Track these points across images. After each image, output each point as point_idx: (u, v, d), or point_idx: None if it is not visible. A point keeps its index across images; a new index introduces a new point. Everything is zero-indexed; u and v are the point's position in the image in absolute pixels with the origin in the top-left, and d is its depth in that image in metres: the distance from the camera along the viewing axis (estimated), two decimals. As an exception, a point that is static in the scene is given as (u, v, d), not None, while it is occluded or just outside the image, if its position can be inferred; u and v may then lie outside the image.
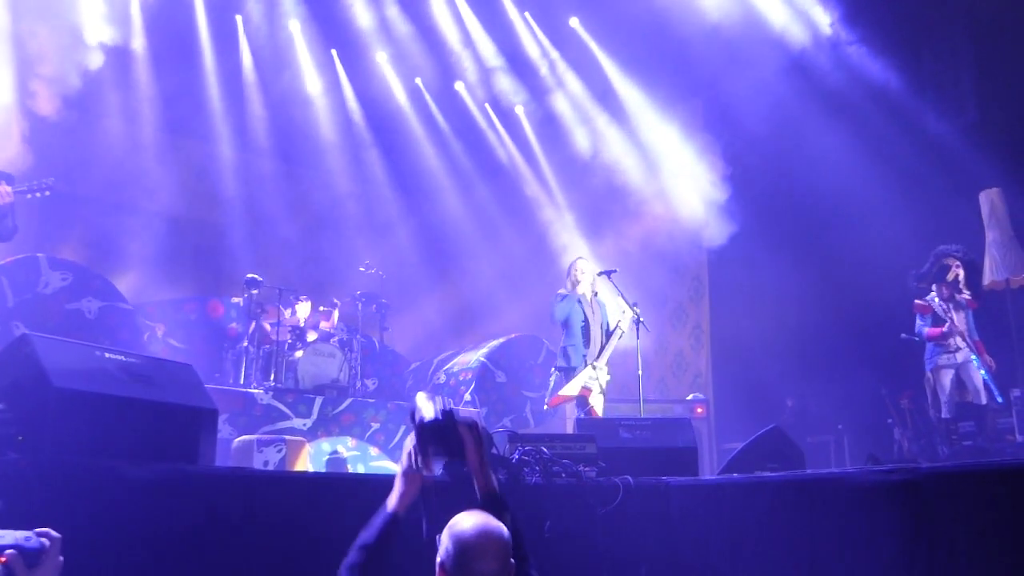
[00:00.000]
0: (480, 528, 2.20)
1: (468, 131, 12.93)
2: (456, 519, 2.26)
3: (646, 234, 11.40)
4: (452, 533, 2.21)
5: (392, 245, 12.21)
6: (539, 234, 12.39)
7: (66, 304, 7.34)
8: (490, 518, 2.25)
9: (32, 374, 2.97)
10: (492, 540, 2.19)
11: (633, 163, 11.36)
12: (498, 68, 11.98)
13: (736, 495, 3.94)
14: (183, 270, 10.70)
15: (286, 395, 8.07)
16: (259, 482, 3.45)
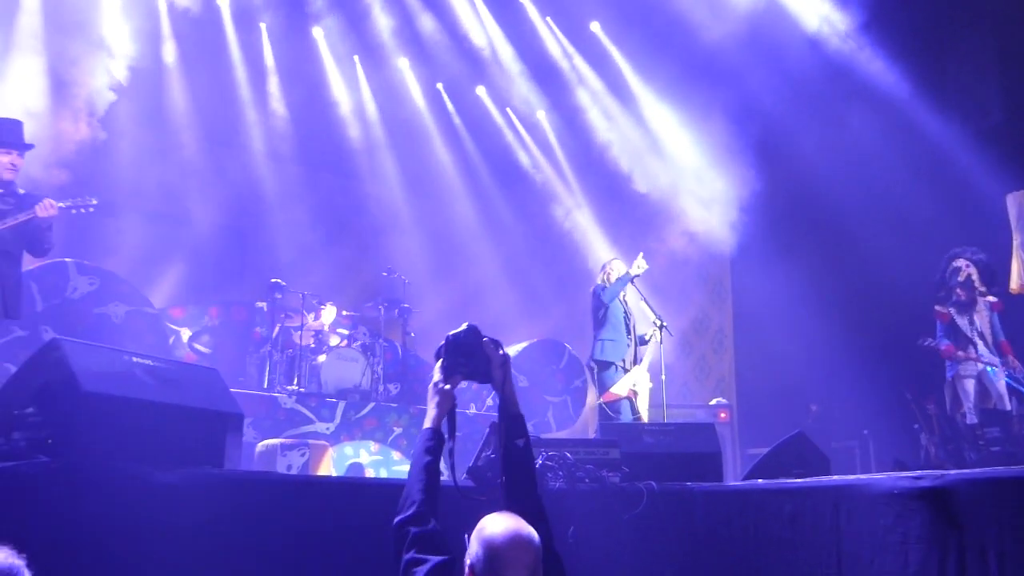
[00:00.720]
0: (511, 535, 2.16)
1: (490, 136, 12.95)
2: (486, 521, 2.23)
3: (668, 239, 11.37)
4: (482, 538, 2.18)
5: (415, 250, 12.24)
6: (561, 239, 12.40)
7: (94, 309, 7.42)
8: (521, 522, 2.22)
9: (62, 378, 3.01)
10: (523, 547, 2.15)
11: (655, 168, 11.33)
12: (519, 73, 12.00)
13: (761, 501, 3.91)
14: (207, 275, 10.77)
15: (309, 399, 8.11)
16: (284, 486, 3.47)
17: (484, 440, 3.80)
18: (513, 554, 2.13)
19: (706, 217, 10.84)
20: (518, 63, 11.95)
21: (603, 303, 7.55)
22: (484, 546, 2.15)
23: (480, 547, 2.16)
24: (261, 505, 3.19)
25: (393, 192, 12.74)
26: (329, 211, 12.06)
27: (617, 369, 7.46)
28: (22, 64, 9.05)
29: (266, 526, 3.16)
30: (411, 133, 12.59)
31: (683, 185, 11.09)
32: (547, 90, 12.17)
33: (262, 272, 9.94)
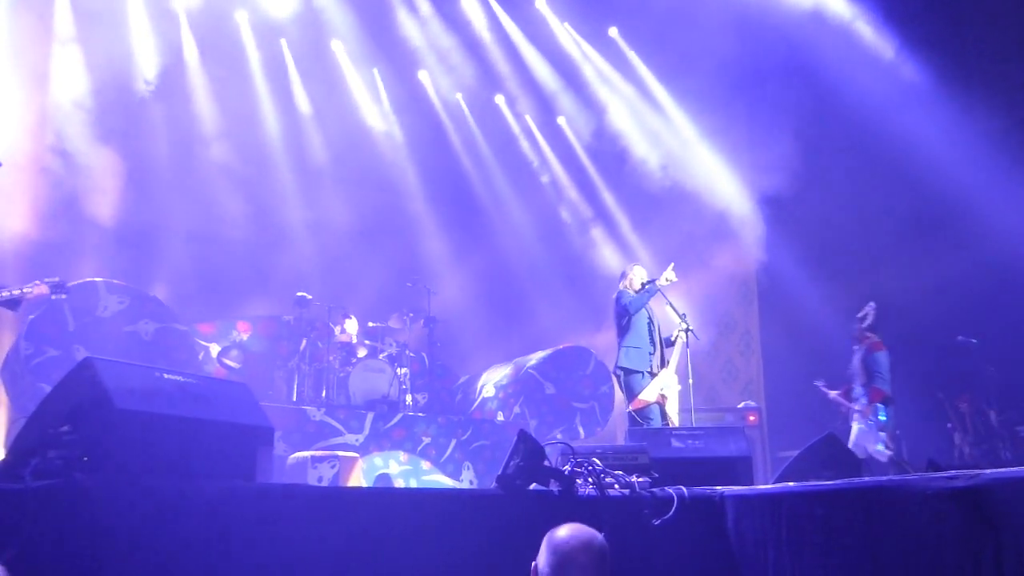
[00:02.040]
0: (577, 540, 2.22)
1: (510, 144, 12.99)
2: (555, 528, 2.30)
3: (693, 241, 11.33)
4: (550, 543, 2.25)
5: (440, 260, 12.28)
6: (585, 243, 12.40)
7: (124, 327, 7.52)
8: (589, 530, 2.28)
9: (95, 396, 3.05)
10: (589, 552, 2.21)
11: (680, 170, 11.30)
12: (539, 80, 12.04)
13: (793, 504, 3.88)
14: (234, 290, 10.87)
15: (338, 411, 8.16)
16: (315, 498, 3.49)
17: (512, 448, 3.80)
18: (578, 558, 2.18)
19: (732, 219, 10.78)
20: (537, 70, 11.99)
21: (627, 312, 7.52)
22: (551, 550, 2.22)
23: (548, 551, 2.23)
24: (293, 517, 3.21)
25: (417, 203, 12.80)
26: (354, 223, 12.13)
27: (644, 375, 7.43)
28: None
29: (298, 538, 3.18)
30: (433, 143, 12.64)
31: (709, 186, 11.05)
32: (567, 95, 12.19)
33: (288, 286, 10.02)
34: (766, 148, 10.67)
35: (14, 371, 7.26)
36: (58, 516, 2.71)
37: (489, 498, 3.78)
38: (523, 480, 3.73)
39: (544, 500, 3.79)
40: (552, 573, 2.19)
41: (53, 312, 7.25)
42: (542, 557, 2.24)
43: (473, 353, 12.15)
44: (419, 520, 3.49)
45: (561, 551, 2.20)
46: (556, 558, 2.20)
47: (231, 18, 11.16)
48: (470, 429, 8.85)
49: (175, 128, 10.57)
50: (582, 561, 2.19)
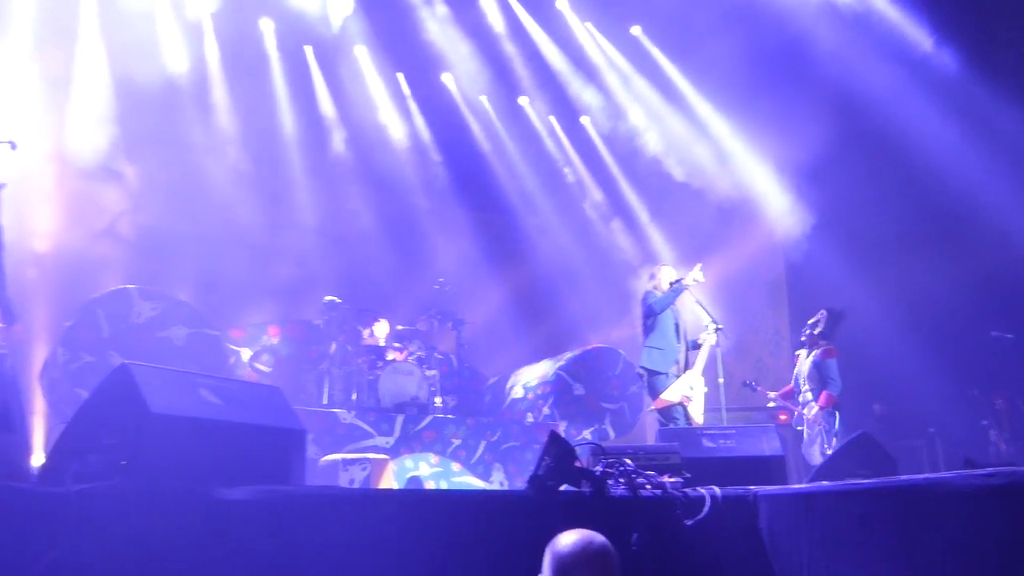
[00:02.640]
0: (579, 547, 2.19)
1: (535, 145, 12.99)
2: (558, 536, 2.26)
3: (720, 239, 11.26)
4: (552, 552, 2.21)
5: (466, 261, 12.31)
6: (611, 243, 12.37)
7: (157, 333, 7.61)
8: (593, 536, 2.23)
9: (131, 401, 3.09)
10: (591, 551, 2.17)
11: (706, 168, 11.24)
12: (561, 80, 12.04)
13: (827, 504, 3.84)
14: (264, 295, 10.97)
15: (368, 414, 8.20)
16: (348, 500, 3.52)
17: (543, 449, 3.80)
18: (581, 566, 2.14)
19: (760, 217, 10.71)
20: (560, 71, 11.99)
21: (653, 311, 7.49)
22: (554, 560, 2.18)
23: (550, 561, 2.19)
24: (326, 520, 3.23)
25: (443, 205, 12.84)
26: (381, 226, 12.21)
27: (667, 376, 7.40)
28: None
29: (332, 540, 3.21)
30: (458, 145, 12.68)
31: (736, 184, 10.98)
32: (590, 95, 12.17)
33: (317, 290, 10.09)
34: (795, 144, 10.57)
35: (52, 377, 7.37)
36: (98, 519, 2.75)
37: (520, 499, 3.79)
38: (554, 481, 3.72)
39: (575, 501, 3.78)
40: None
41: (88, 319, 7.37)
42: (545, 568, 2.22)
43: (501, 355, 12.16)
44: (450, 522, 3.50)
45: (561, 564, 2.17)
46: (555, 570, 2.17)
47: (255, 26, 11.26)
48: (500, 431, 8.85)
49: (200, 134, 10.68)
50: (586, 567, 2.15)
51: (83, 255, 9.17)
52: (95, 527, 2.74)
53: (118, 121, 9.54)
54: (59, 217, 9.10)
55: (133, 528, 2.80)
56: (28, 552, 2.62)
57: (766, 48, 9.76)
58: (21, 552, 2.62)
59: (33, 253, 8.80)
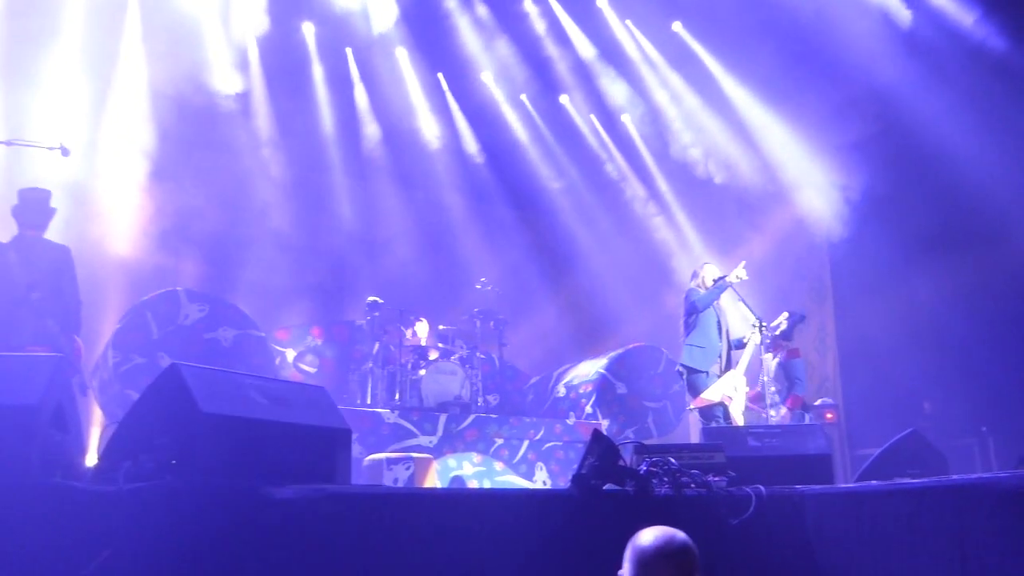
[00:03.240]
0: (660, 544, 2.17)
1: (576, 143, 12.97)
2: (639, 533, 2.24)
3: (763, 235, 11.14)
4: (633, 548, 2.20)
5: (507, 261, 12.33)
6: (652, 241, 12.30)
7: (204, 334, 7.75)
8: (674, 533, 2.22)
9: (182, 401, 3.15)
10: (673, 557, 2.15)
11: (750, 163, 11.13)
12: (602, 77, 12.00)
13: (876, 503, 3.78)
14: (308, 296, 11.11)
15: (411, 413, 8.26)
16: (393, 499, 3.55)
17: (587, 447, 3.80)
18: (663, 563, 2.13)
19: (804, 211, 10.57)
20: (600, 68, 11.95)
21: (695, 309, 7.43)
22: (635, 556, 2.17)
23: (631, 558, 2.18)
24: (372, 518, 3.26)
25: (485, 204, 12.88)
26: (423, 226, 12.29)
27: (708, 375, 7.33)
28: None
29: (377, 537, 3.24)
30: (496, 144, 12.70)
31: (780, 179, 10.85)
32: (631, 93, 12.11)
33: (359, 290, 10.19)
34: (841, 139, 10.42)
35: (103, 379, 7.54)
36: (150, 517, 2.81)
37: (564, 498, 3.79)
38: (598, 480, 3.72)
39: (619, 500, 3.78)
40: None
41: (137, 321, 7.53)
42: (625, 565, 2.20)
43: (543, 354, 12.17)
44: (495, 520, 3.52)
45: (643, 560, 2.15)
46: (636, 565, 2.15)
47: (298, 30, 11.40)
48: (542, 430, 8.86)
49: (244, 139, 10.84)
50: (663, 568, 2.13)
51: (131, 259, 9.37)
52: (147, 525, 2.80)
53: (165, 128, 9.72)
54: (108, 222, 9.30)
55: (184, 525, 2.86)
56: (84, 549, 2.69)
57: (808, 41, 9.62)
58: (77, 549, 2.69)
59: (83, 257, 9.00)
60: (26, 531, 2.67)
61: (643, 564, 2.14)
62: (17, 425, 2.84)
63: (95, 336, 7.92)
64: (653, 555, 2.15)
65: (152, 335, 7.50)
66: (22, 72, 8.90)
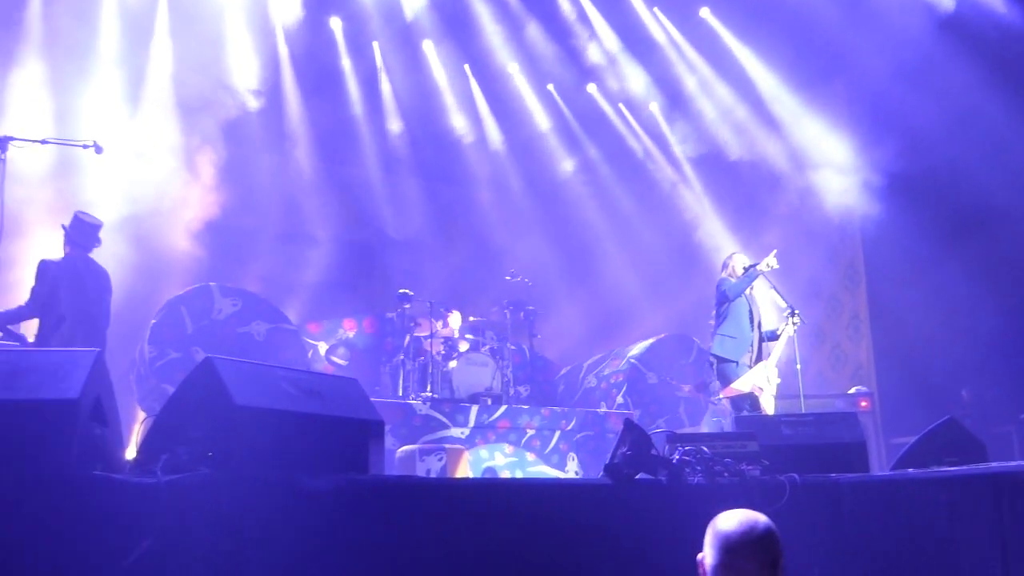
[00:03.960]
0: (744, 528, 2.12)
1: (604, 133, 12.92)
2: (718, 518, 2.20)
3: (794, 222, 11.03)
4: (715, 532, 2.15)
5: (537, 252, 12.33)
6: (682, 230, 12.23)
7: (238, 328, 7.85)
8: (756, 516, 2.17)
9: (217, 394, 3.18)
10: (757, 540, 2.10)
11: (777, 149, 11.02)
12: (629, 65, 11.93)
13: (914, 491, 3.75)
14: (339, 290, 11.19)
15: (443, 405, 8.30)
16: (427, 490, 3.57)
17: (619, 437, 3.79)
18: (746, 546, 2.09)
19: (836, 198, 10.44)
20: (627, 56, 11.88)
21: (726, 298, 7.37)
22: (716, 540, 2.13)
23: (713, 542, 2.14)
24: (406, 509, 3.29)
25: (512, 194, 12.88)
26: (451, 218, 12.32)
27: (738, 365, 7.28)
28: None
29: (411, 528, 3.26)
30: (525, 135, 12.69)
31: (810, 165, 10.73)
32: (659, 80, 12.03)
33: (390, 283, 10.24)
34: (872, 122, 10.27)
35: (140, 373, 7.67)
36: (187, 508, 2.85)
37: (597, 488, 3.78)
38: (630, 469, 3.71)
39: (652, 489, 3.76)
40: (716, 564, 2.09)
41: (172, 316, 7.63)
42: (707, 549, 2.14)
43: (574, 344, 12.16)
44: (528, 510, 3.52)
45: (727, 545, 2.09)
46: (719, 550, 2.09)
47: (325, 25, 11.45)
48: (574, 420, 8.86)
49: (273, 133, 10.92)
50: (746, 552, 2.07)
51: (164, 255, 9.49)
52: (185, 515, 2.84)
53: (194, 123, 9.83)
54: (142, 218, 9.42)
55: (221, 516, 2.89)
56: (124, 540, 2.74)
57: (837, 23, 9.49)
58: (118, 540, 2.74)
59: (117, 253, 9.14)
60: (68, 522, 2.72)
61: (728, 550, 2.09)
62: (58, 418, 2.89)
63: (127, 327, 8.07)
64: (739, 540, 2.09)
65: (187, 330, 7.61)
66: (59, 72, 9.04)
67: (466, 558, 3.31)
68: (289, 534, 3.00)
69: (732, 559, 2.08)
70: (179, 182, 9.68)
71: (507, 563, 3.37)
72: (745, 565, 2.07)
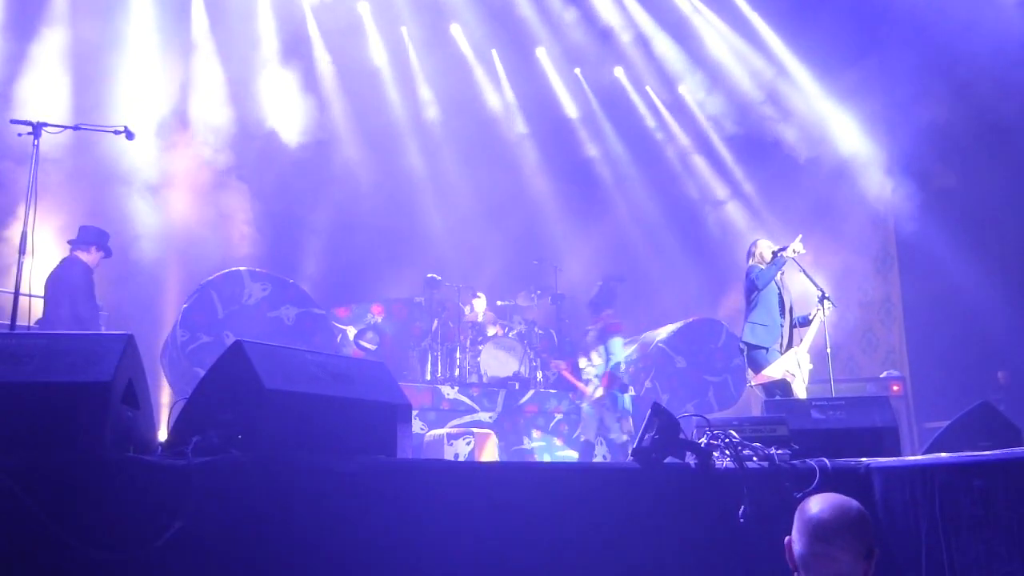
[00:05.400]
0: (833, 506, 2.05)
1: (631, 116, 12.82)
2: (807, 501, 2.13)
3: (827, 206, 10.89)
4: (803, 515, 2.07)
5: (565, 236, 12.29)
6: (711, 214, 12.14)
7: (267, 312, 7.91)
8: (845, 498, 2.10)
9: (246, 377, 3.21)
10: (850, 522, 2.02)
11: (811, 133, 10.87)
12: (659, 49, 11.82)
13: (947, 477, 3.68)
14: (367, 275, 11.23)
15: (471, 389, 8.32)
16: (455, 473, 3.58)
17: (647, 421, 3.77)
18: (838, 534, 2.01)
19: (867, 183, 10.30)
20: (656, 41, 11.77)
21: (756, 287, 7.28)
22: (806, 526, 2.06)
23: (802, 527, 2.07)
24: (434, 492, 3.30)
25: (540, 180, 12.83)
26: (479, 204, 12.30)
27: (770, 351, 7.20)
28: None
29: (439, 511, 3.27)
30: (553, 120, 12.63)
31: (842, 148, 10.58)
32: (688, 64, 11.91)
33: (418, 268, 10.26)
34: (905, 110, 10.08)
35: (172, 357, 7.76)
36: (218, 489, 2.89)
37: (625, 472, 3.77)
38: (659, 453, 3.69)
39: (681, 473, 3.75)
40: (807, 553, 2.01)
41: (203, 301, 7.71)
42: (795, 534, 2.07)
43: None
44: (556, 494, 3.52)
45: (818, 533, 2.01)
46: (810, 537, 2.01)
47: (354, 10, 11.45)
48: (601, 405, 8.85)
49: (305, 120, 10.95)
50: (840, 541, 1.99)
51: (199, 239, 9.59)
52: (216, 497, 2.87)
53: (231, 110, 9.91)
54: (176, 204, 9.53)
55: (251, 497, 2.93)
56: (157, 521, 2.78)
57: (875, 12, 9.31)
58: (151, 521, 2.78)
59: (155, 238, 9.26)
60: (101, 503, 2.76)
61: (819, 538, 2.01)
62: (91, 401, 2.93)
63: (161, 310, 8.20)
64: (831, 527, 2.01)
65: (217, 314, 7.68)
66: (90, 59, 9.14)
67: (494, 541, 3.32)
68: (318, 516, 3.03)
69: (824, 548, 2.00)
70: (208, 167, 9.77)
71: (535, 546, 3.38)
72: (838, 555, 1.99)
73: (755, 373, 7.29)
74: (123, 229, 8.72)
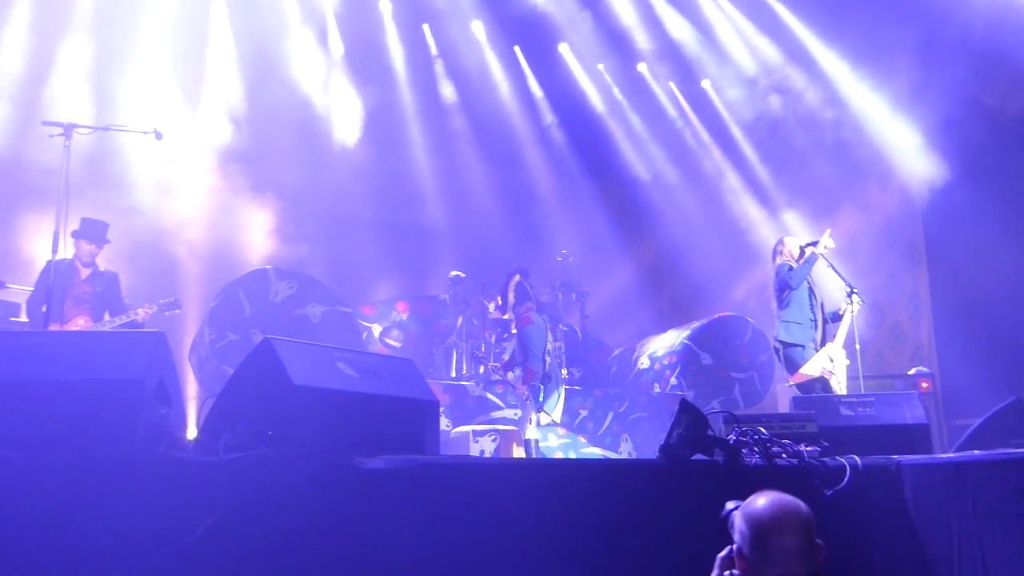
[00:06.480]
0: (775, 502, 2.07)
1: (655, 112, 12.76)
2: (748, 500, 2.16)
3: (852, 200, 10.78)
4: (745, 513, 2.10)
5: (589, 232, 12.26)
6: (736, 209, 12.04)
7: (294, 310, 7.97)
8: (786, 496, 2.12)
9: (275, 375, 3.24)
10: (790, 513, 2.05)
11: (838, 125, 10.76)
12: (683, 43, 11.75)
13: (979, 473, 3.65)
14: (393, 272, 11.27)
15: (496, 386, 8.32)
16: (482, 469, 3.58)
17: (674, 418, 3.76)
18: (779, 519, 2.04)
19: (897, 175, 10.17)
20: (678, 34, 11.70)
21: (788, 286, 7.22)
22: (747, 520, 2.08)
23: (744, 523, 2.09)
24: (461, 488, 3.30)
25: (564, 176, 12.81)
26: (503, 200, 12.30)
27: (805, 348, 7.14)
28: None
29: (466, 507, 3.28)
30: (576, 116, 12.59)
31: (869, 140, 10.45)
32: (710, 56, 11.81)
33: (441, 265, 10.29)
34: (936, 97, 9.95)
35: (200, 355, 7.83)
36: (248, 485, 2.91)
37: (652, 468, 3.76)
38: (686, 450, 3.67)
39: (709, 470, 3.73)
40: (752, 553, 2.03)
41: (230, 299, 7.78)
42: (737, 535, 2.09)
43: (626, 325, 12.08)
44: (583, 490, 3.52)
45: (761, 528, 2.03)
46: (755, 536, 2.03)
47: (375, 9, 11.48)
48: (627, 401, 8.82)
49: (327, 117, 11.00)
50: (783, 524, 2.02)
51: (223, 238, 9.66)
52: (246, 492, 2.90)
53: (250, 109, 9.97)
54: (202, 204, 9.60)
55: (280, 493, 2.95)
56: (188, 517, 2.81)
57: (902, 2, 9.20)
58: (183, 516, 2.81)
59: (180, 238, 9.34)
60: (134, 500, 2.80)
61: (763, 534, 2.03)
62: (123, 398, 2.97)
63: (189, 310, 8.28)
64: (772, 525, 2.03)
65: (245, 313, 7.75)
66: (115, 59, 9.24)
67: (520, 537, 3.32)
68: (346, 512, 3.05)
69: (767, 546, 2.02)
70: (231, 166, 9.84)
71: (562, 542, 3.38)
72: (785, 543, 2.01)
73: (791, 371, 7.22)
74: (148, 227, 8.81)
